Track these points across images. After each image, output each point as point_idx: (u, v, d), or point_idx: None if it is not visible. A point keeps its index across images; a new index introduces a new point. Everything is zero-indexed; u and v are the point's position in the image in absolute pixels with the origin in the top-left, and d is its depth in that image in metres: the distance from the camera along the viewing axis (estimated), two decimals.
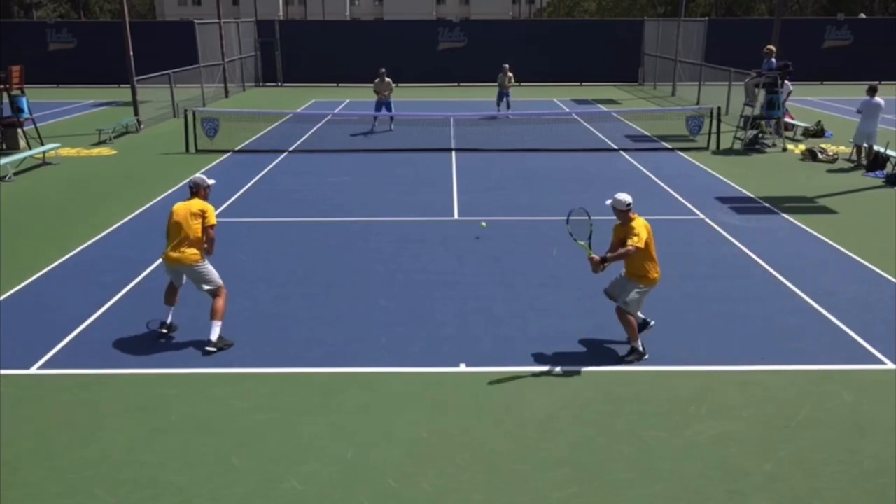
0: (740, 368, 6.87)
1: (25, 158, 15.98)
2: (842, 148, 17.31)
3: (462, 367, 6.90)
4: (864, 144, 15.55)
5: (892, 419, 5.98)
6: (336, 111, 24.51)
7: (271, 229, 11.32)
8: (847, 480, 5.23)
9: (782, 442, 5.69)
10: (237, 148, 17.96)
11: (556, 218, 11.47)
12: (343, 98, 29.47)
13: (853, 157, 15.96)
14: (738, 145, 18.02)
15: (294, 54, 34.16)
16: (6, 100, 17.32)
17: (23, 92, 17.56)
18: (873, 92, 15.44)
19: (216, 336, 7.18)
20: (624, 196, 6.97)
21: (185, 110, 18.19)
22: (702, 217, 11.86)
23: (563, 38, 34.00)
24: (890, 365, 6.92)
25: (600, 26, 36.22)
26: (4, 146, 17.18)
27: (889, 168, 14.83)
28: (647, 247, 6.85)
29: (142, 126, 21.02)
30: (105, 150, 17.93)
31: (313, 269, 9.56)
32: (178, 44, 29.22)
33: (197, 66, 26.76)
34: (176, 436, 5.80)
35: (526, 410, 6.15)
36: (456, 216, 12.02)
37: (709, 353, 7.17)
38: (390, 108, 20.15)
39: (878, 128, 15.63)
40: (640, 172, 15.23)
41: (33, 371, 6.86)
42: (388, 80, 19.85)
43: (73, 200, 13.14)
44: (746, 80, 18.89)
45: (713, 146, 17.79)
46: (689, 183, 14.26)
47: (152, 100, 22.89)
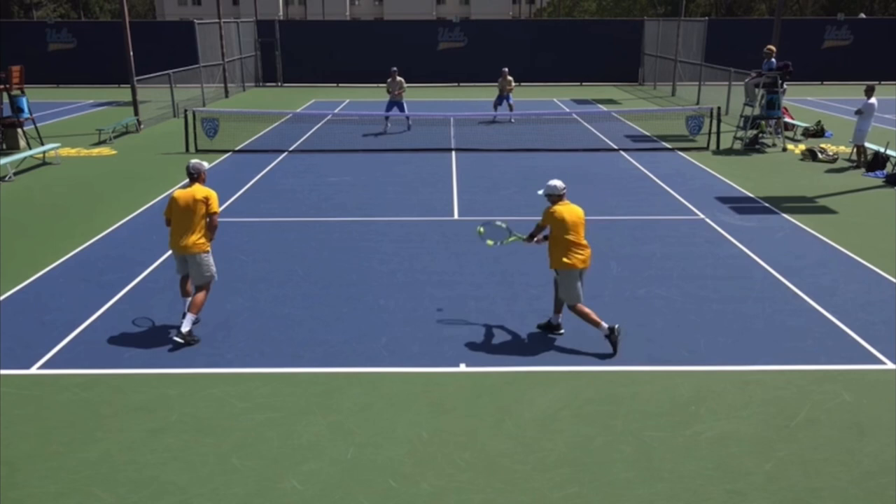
0: (740, 368, 6.87)
1: (25, 158, 15.99)
2: (842, 148, 17.32)
3: (462, 367, 6.90)
4: (865, 144, 15.60)
5: (892, 419, 5.98)
6: (336, 111, 24.51)
7: (271, 229, 11.32)
8: (847, 480, 5.23)
9: (782, 442, 5.70)
10: (237, 148, 17.96)
11: None
12: (343, 98, 29.48)
13: (853, 158, 15.97)
14: (738, 145, 18.02)
15: (294, 54, 34.16)
16: (6, 100, 17.33)
17: (23, 92, 17.57)
18: (871, 92, 15.47)
19: (187, 329, 7.23)
20: (555, 182, 7.37)
21: (185, 110, 18.19)
22: (702, 217, 11.86)
23: (563, 38, 34.01)
24: (890, 365, 6.92)
25: (600, 26, 36.19)
26: (4, 146, 17.19)
27: (889, 168, 14.85)
28: (555, 232, 7.19)
29: (142, 126, 21.02)
30: (105, 150, 17.93)
31: (313, 269, 9.56)
32: (178, 44, 29.26)
33: (197, 66, 26.76)
34: (176, 436, 5.80)
35: (526, 410, 6.15)
36: (456, 216, 12.02)
37: (709, 353, 7.17)
38: (402, 108, 19.95)
39: (879, 128, 15.64)
40: (639, 172, 15.24)
41: (33, 371, 6.86)
42: (399, 80, 19.68)
43: (72, 200, 13.15)
44: (746, 80, 18.89)
45: (713, 146, 17.79)
46: (689, 183, 14.26)
47: (152, 100, 22.90)
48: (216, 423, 5.98)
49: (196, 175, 7.39)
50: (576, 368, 6.86)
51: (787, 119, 19.36)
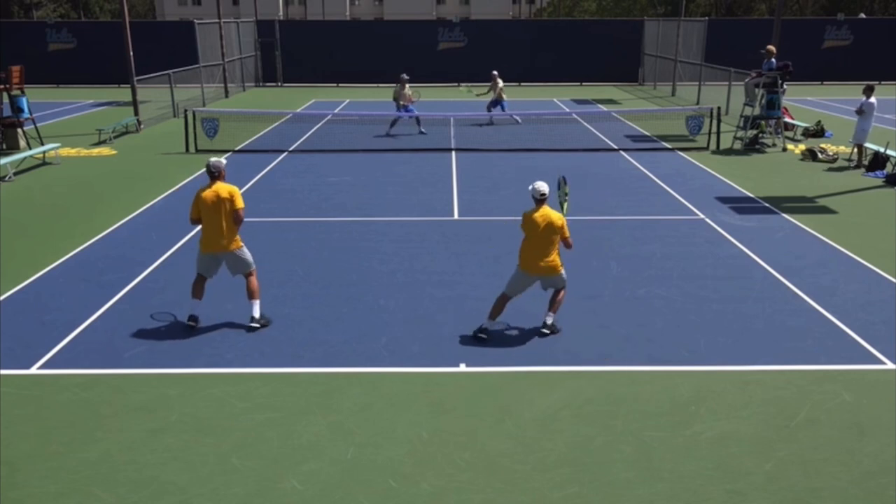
0: (740, 368, 6.87)
1: (25, 158, 15.99)
2: (842, 148, 17.31)
3: (462, 367, 6.91)
4: (865, 143, 15.61)
5: (892, 419, 5.98)
6: (336, 111, 24.51)
7: (271, 229, 11.32)
8: (847, 480, 5.23)
9: (782, 442, 5.70)
10: (237, 148, 17.96)
11: None
12: (343, 98, 29.48)
13: (853, 157, 15.97)
14: (738, 145, 18.02)
15: (294, 54, 34.16)
16: (6, 100, 17.33)
17: (23, 92, 17.56)
18: (871, 91, 15.48)
19: (259, 313, 7.62)
20: (539, 185, 7.35)
21: (185, 110, 18.19)
22: (702, 217, 11.86)
23: (563, 37, 34.01)
24: (890, 365, 6.92)
25: (600, 26, 36.19)
26: (4, 146, 17.19)
27: (889, 168, 14.85)
28: (526, 236, 7.35)
29: (142, 126, 21.02)
30: (105, 150, 17.93)
31: (313, 269, 9.56)
32: (178, 44, 29.25)
33: (197, 66, 26.76)
34: (176, 436, 5.80)
35: (526, 410, 6.16)
36: (456, 216, 12.02)
37: (709, 353, 7.17)
38: (411, 111, 19.67)
39: (879, 128, 15.65)
40: (639, 172, 15.24)
41: (33, 371, 6.86)
42: (408, 88, 19.26)
43: (72, 200, 13.15)
44: (746, 80, 18.89)
45: (713, 146, 17.79)
46: (689, 183, 14.27)
47: (152, 100, 22.90)
48: (216, 423, 5.98)
49: (217, 173, 7.55)
50: (576, 368, 6.87)
51: (787, 119, 19.36)
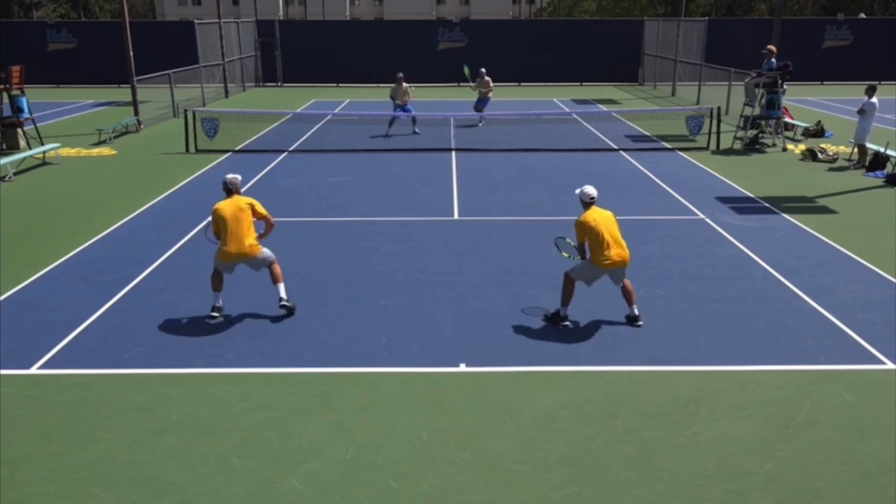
0: (740, 368, 6.87)
1: (25, 158, 15.99)
2: (842, 148, 17.31)
3: (462, 367, 6.91)
4: (866, 143, 15.61)
5: (892, 419, 5.98)
6: (336, 111, 24.51)
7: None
8: (847, 480, 5.23)
9: (782, 442, 5.70)
10: (237, 148, 17.96)
11: (556, 218, 11.49)
12: (343, 98, 29.48)
13: (853, 157, 15.97)
14: (738, 145, 18.02)
15: (294, 54, 34.16)
16: (6, 100, 17.33)
17: (23, 92, 17.57)
18: (873, 91, 15.48)
19: (285, 293, 7.97)
20: (588, 189, 7.73)
21: (185, 110, 18.19)
22: (702, 217, 11.86)
23: (563, 37, 34.01)
24: (890, 365, 6.92)
25: (600, 26, 36.19)
26: (4, 146, 17.19)
27: (889, 168, 14.85)
28: (588, 239, 7.52)
29: (142, 126, 21.02)
30: (105, 150, 17.93)
31: (313, 269, 9.56)
32: (178, 44, 29.24)
33: (197, 66, 26.76)
34: (176, 436, 5.80)
35: (526, 410, 6.16)
36: (456, 216, 12.02)
37: (709, 353, 7.17)
38: (408, 110, 19.67)
39: (879, 128, 15.65)
40: (639, 172, 15.24)
41: (33, 371, 6.86)
42: (405, 86, 19.35)
43: (72, 200, 13.15)
44: (746, 80, 18.89)
45: (713, 146, 17.79)
46: (689, 183, 14.26)
47: (152, 100, 22.89)
48: (216, 423, 5.98)
49: (234, 189, 7.89)
50: (576, 368, 6.87)
51: (787, 119, 19.36)
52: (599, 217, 7.53)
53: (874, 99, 15.38)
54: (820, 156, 16.35)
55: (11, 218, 11.95)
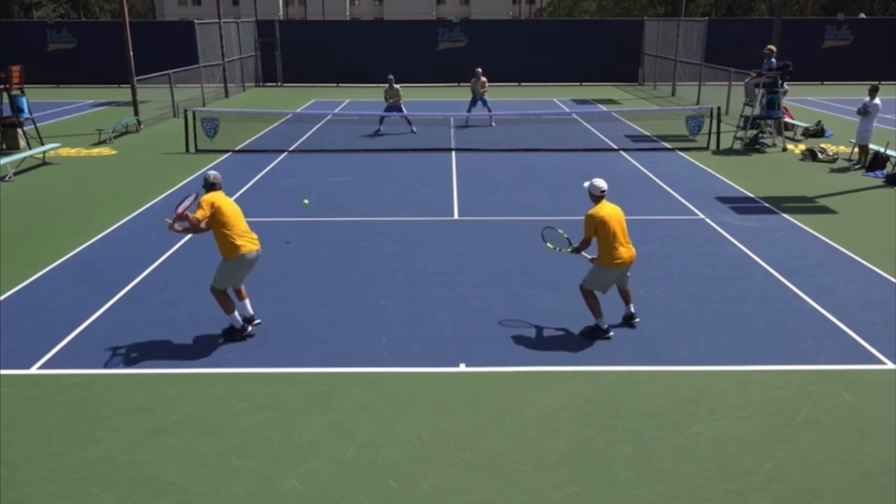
0: (740, 368, 6.87)
1: (25, 158, 15.99)
2: (842, 148, 17.32)
3: (462, 367, 6.91)
4: (868, 143, 15.60)
5: (892, 419, 5.98)
6: (336, 111, 24.51)
7: (271, 229, 11.31)
8: (847, 480, 5.23)
9: (782, 442, 5.70)
10: (237, 148, 17.96)
11: (556, 218, 11.49)
12: (343, 98, 29.48)
13: (852, 157, 15.97)
14: (738, 145, 18.02)
15: (294, 54, 34.16)
16: (6, 100, 17.34)
17: (23, 92, 17.57)
18: (875, 92, 15.47)
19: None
20: (598, 182, 7.47)
21: (185, 110, 18.19)
22: (702, 217, 11.86)
23: (563, 37, 34.00)
24: (890, 365, 6.92)
25: (600, 26, 36.19)
26: (4, 146, 17.19)
27: (889, 168, 14.85)
28: (597, 235, 7.30)
29: (142, 126, 21.02)
30: (105, 150, 17.93)
31: (313, 269, 9.56)
32: (178, 44, 29.24)
33: (197, 66, 26.76)
34: (176, 436, 5.80)
35: (526, 410, 6.16)
36: (456, 216, 12.02)
37: (709, 353, 7.17)
38: (401, 110, 19.73)
39: (880, 128, 15.65)
40: (639, 172, 15.24)
41: (33, 371, 6.86)
42: (396, 87, 19.51)
43: (73, 200, 13.15)
44: (746, 80, 18.89)
45: (713, 146, 17.79)
46: (689, 183, 14.26)
47: (152, 100, 22.90)
48: (216, 423, 5.98)
49: (219, 185, 7.43)
50: (576, 368, 6.87)
51: (787, 119, 19.35)
52: (612, 212, 7.32)
53: (877, 100, 15.34)
54: (820, 156, 16.35)
55: (11, 218, 11.96)
